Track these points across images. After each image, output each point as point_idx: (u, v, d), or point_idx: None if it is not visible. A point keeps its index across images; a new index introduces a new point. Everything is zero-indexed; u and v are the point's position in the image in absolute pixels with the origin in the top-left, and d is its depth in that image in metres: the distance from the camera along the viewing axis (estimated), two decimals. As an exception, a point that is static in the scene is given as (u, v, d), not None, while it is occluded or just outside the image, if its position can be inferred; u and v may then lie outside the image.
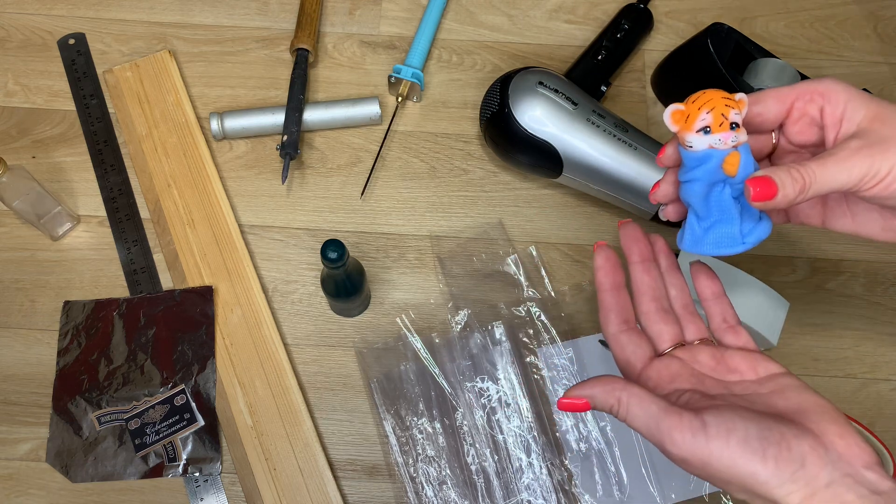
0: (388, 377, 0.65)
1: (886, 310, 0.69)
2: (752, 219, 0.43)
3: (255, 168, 0.73)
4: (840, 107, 0.42)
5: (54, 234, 0.69)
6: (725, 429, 0.37)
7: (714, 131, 0.40)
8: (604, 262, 0.47)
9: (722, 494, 0.63)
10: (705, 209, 0.43)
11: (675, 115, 0.42)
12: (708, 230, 0.43)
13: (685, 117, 0.41)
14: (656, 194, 0.46)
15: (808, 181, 0.39)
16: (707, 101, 0.41)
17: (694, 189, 0.42)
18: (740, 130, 0.41)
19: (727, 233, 0.42)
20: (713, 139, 0.41)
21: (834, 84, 0.42)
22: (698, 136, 0.41)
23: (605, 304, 0.46)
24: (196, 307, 0.67)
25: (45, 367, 0.66)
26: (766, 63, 0.70)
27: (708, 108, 0.41)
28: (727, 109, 0.40)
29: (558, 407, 0.43)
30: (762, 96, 0.44)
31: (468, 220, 0.72)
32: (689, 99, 0.42)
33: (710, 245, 0.43)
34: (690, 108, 0.41)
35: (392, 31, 0.79)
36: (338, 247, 0.55)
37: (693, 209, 0.43)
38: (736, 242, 0.42)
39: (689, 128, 0.41)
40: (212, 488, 0.63)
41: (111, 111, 0.75)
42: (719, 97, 0.41)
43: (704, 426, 0.38)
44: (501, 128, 0.67)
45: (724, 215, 0.42)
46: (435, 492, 0.62)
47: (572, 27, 0.80)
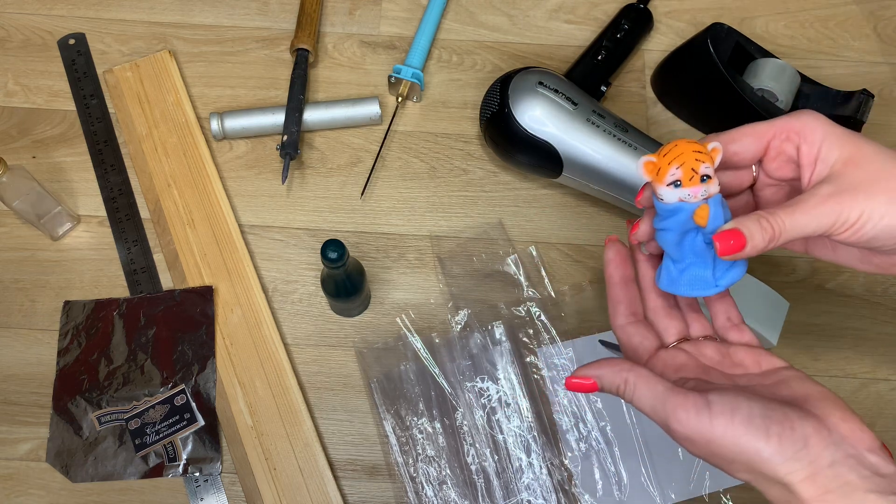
0: (388, 377, 0.65)
1: (886, 310, 0.69)
2: (726, 262, 0.43)
3: (255, 168, 0.73)
4: (815, 146, 0.42)
5: (54, 234, 0.69)
6: (730, 407, 0.38)
7: (684, 185, 0.41)
8: (614, 255, 0.47)
9: (721, 494, 0.63)
10: (679, 254, 0.43)
11: (648, 167, 0.43)
12: (683, 272, 0.44)
13: (657, 170, 0.42)
14: (637, 234, 0.47)
15: (777, 231, 0.40)
16: (678, 156, 0.41)
17: (667, 237, 0.43)
18: (711, 182, 0.41)
19: (701, 276, 0.43)
20: (683, 193, 0.41)
21: (810, 120, 0.42)
22: (669, 189, 0.42)
23: (614, 296, 0.47)
24: (196, 307, 0.67)
25: (45, 367, 0.66)
26: (766, 63, 0.70)
27: (678, 162, 0.41)
28: (697, 164, 0.41)
29: (566, 386, 0.44)
30: (739, 135, 0.44)
31: (468, 220, 0.72)
32: (660, 151, 0.42)
33: (684, 287, 0.44)
34: (661, 161, 0.42)
35: (392, 31, 0.79)
36: (338, 247, 0.55)
37: (668, 253, 0.44)
38: (709, 286, 0.43)
39: (661, 181, 0.42)
40: (212, 488, 0.63)
41: (111, 111, 0.75)
42: (690, 150, 0.41)
43: (709, 404, 0.38)
44: (501, 128, 0.67)
45: (698, 259, 0.43)
46: (435, 492, 0.62)
47: (572, 27, 0.80)
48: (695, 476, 0.63)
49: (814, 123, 0.42)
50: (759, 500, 0.65)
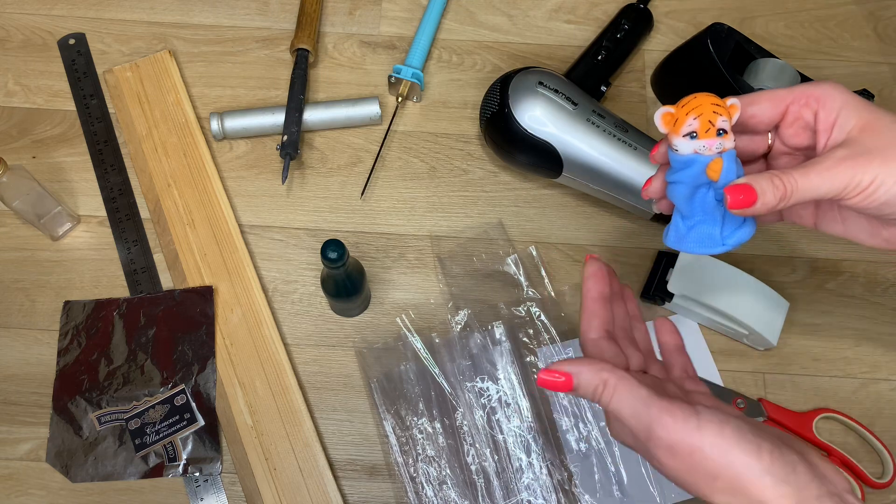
0: (388, 377, 0.65)
1: (886, 310, 0.69)
2: (735, 221, 0.44)
3: (255, 168, 0.73)
4: (833, 113, 0.42)
5: (54, 234, 0.69)
6: (719, 419, 0.37)
7: (700, 137, 0.41)
8: (595, 271, 0.47)
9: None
10: (689, 209, 0.43)
11: (665, 118, 0.42)
12: (691, 229, 0.44)
13: (674, 120, 0.42)
14: (648, 190, 0.47)
15: (789, 189, 0.40)
16: (696, 107, 0.41)
17: (679, 190, 0.43)
18: (727, 137, 0.41)
19: (708, 233, 0.43)
20: (698, 145, 0.41)
21: (831, 89, 0.42)
22: (684, 140, 0.42)
23: (588, 309, 0.46)
24: (196, 307, 0.67)
25: (45, 367, 0.66)
26: (766, 63, 0.70)
27: (696, 113, 0.41)
28: (714, 116, 0.41)
29: (538, 382, 0.42)
30: (757, 98, 0.44)
31: (468, 220, 0.72)
32: (680, 102, 0.42)
33: (691, 243, 0.44)
34: (679, 112, 0.42)
35: (392, 31, 0.79)
36: (338, 247, 0.55)
37: (678, 208, 0.44)
38: (716, 243, 0.43)
39: (677, 132, 0.42)
40: (212, 488, 0.63)
41: (111, 111, 0.75)
42: (708, 102, 0.41)
43: (697, 413, 0.37)
44: (501, 128, 0.67)
45: (707, 216, 0.43)
46: (435, 492, 0.62)
47: (572, 27, 0.80)
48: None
49: (833, 91, 0.42)
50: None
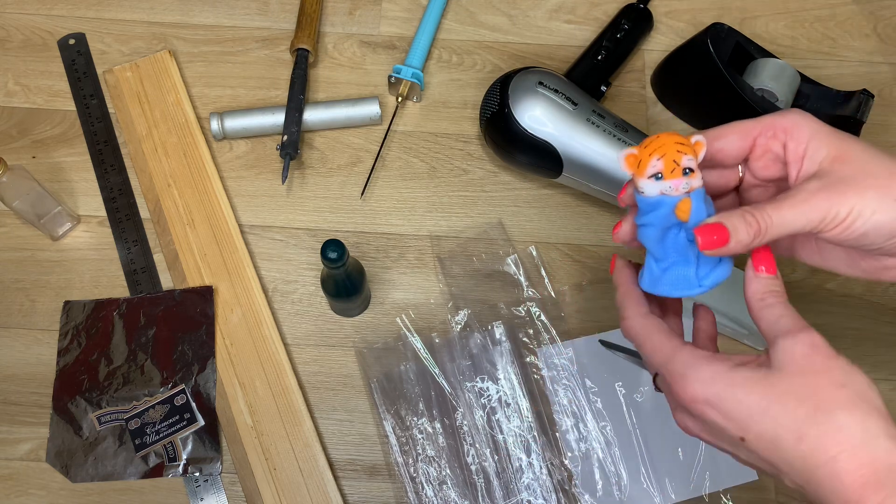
0: (388, 377, 0.65)
1: (886, 310, 0.69)
2: (711, 260, 0.42)
3: (255, 168, 0.73)
4: (802, 144, 0.41)
5: (54, 234, 0.69)
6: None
7: (665, 178, 0.40)
8: (623, 266, 0.47)
9: (721, 494, 0.63)
10: (662, 252, 0.42)
11: (629, 160, 0.41)
12: (665, 271, 0.42)
13: (637, 162, 0.41)
14: (618, 234, 0.46)
15: (763, 226, 0.39)
16: (658, 147, 0.40)
17: (649, 233, 0.42)
18: (694, 175, 0.40)
19: (683, 275, 0.42)
20: (664, 185, 0.40)
21: (798, 118, 0.41)
22: (650, 182, 0.41)
23: (633, 294, 0.45)
24: (196, 307, 0.67)
25: (45, 367, 0.66)
26: (766, 63, 0.70)
27: (659, 153, 0.40)
28: (679, 155, 0.40)
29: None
30: (724, 131, 0.43)
31: (468, 220, 0.72)
32: (643, 143, 0.41)
33: (666, 286, 0.42)
34: (643, 153, 0.41)
35: (392, 31, 0.79)
36: (338, 247, 0.55)
37: (650, 251, 0.43)
38: (692, 285, 0.42)
39: (641, 173, 0.41)
40: (212, 488, 0.63)
41: (111, 111, 0.75)
42: (672, 142, 0.40)
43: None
44: (501, 128, 0.67)
45: (681, 257, 0.42)
46: (435, 492, 0.62)
47: (572, 27, 0.80)
48: (695, 476, 0.63)
49: (801, 121, 0.41)
50: (759, 500, 0.65)
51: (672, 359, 0.41)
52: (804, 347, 0.37)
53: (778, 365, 0.38)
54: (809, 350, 0.37)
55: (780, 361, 0.38)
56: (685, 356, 0.40)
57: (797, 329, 0.38)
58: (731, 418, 0.38)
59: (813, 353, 0.37)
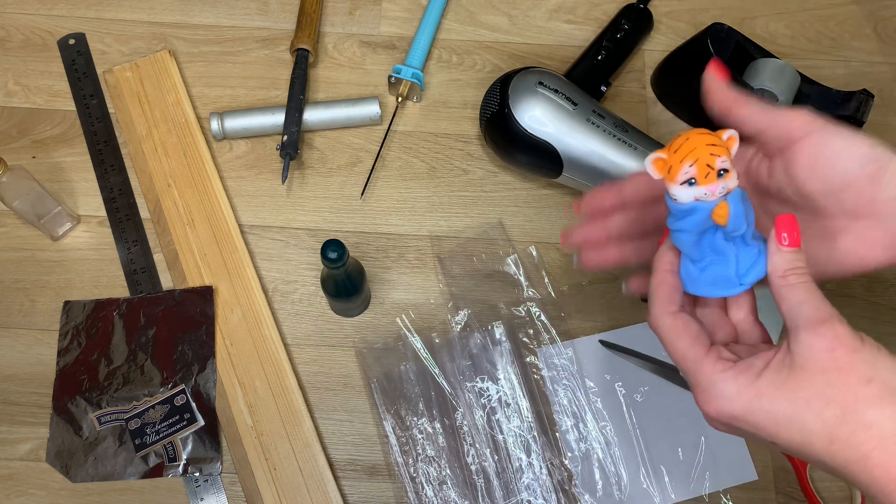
0: (388, 377, 0.65)
1: (886, 310, 0.69)
2: (750, 257, 0.40)
3: (255, 168, 0.73)
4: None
5: (54, 234, 0.69)
6: None
7: (700, 183, 0.37)
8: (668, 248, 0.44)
9: (721, 494, 0.63)
10: (698, 253, 0.40)
11: (658, 164, 0.38)
12: (703, 271, 0.40)
13: (668, 167, 0.38)
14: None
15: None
16: (690, 152, 0.37)
17: (684, 238, 0.40)
18: (729, 176, 0.37)
19: (722, 274, 0.40)
20: (699, 192, 0.37)
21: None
22: (683, 188, 0.38)
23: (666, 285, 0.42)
24: (196, 307, 0.67)
25: (45, 367, 0.66)
26: (766, 63, 0.70)
27: (691, 159, 0.37)
28: (712, 158, 0.37)
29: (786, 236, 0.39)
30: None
31: (468, 220, 0.72)
32: (670, 146, 0.38)
33: (706, 287, 0.41)
34: (673, 158, 0.38)
35: (392, 31, 0.79)
36: (338, 247, 0.55)
37: (686, 254, 0.41)
38: (732, 284, 0.40)
39: (673, 180, 0.38)
40: (212, 488, 0.63)
41: (111, 111, 0.75)
42: (703, 144, 0.37)
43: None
44: (501, 128, 0.67)
45: (719, 257, 0.40)
46: (435, 492, 0.62)
47: (572, 27, 0.80)
48: (695, 476, 0.63)
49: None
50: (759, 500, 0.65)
51: (696, 372, 0.40)
52: (826, 342, 0.36)
53: (801, 362, 0.37)
54: (832, 344, 0.36)
55: (802, 357, 0.37)
56: (708, 370, 0.39)
57: (819, 320, 0.37)
58: (759, 428, 0.38)
59: (836, 347, 0.36)
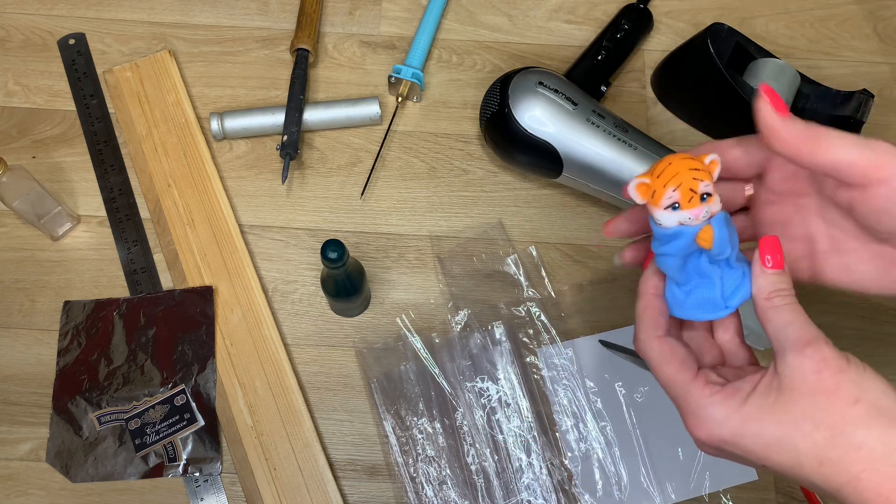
0: (388, 377, 0.65)
1: (886, 310, 0.69)
2: (734, 279, 0.40)
3: (255, 168, 0.73)
4: None
5: (54, 234, 0.69)
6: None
7: (683, 207, 0.37)
8: (653, 272, 0.44)
9: (721, 494, 0.63)
10: (683, 277, 0.40)
11: (641, 189, 0.39)
12: (689, 294, 0.41)
13: (651, 192, 0.38)
14: (609, 229, 0.45)
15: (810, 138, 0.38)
16: (673, 176, 0.37)
17: (668, 262, 0.40)
18: (712, 200, 0.38)
19: (708, 297, 0.40)
20: (683, 216, 0.38)
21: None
22: (667, 213, 0.38)
23: (653, 309, 0.43)
24: (196, 307, 0.67)
25: (45, 367, 0.66)
26: (766, 63, 0.70)
27: (674, 184, 0.37)
28: (695, 182, 0.37)
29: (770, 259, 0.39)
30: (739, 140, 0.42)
31: (468, 220, 0.72)
32: (653, 171, 0.39)
33: (692, 310, 0.41)
34: (656, 183, 0.38)
35: (392, 31, 0.79)
36: (338, 247, 0.55)
37: (670, 277, 0.41)
38: (718, 307, 0.40)
39: (657, 204, 0.38)
40: (212, 488, 0.63)
41: (111, 111, 0.75)
42: (686, 169, 0.38)
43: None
44: (501, 128, 0.67)
45: (704, 280, 0.40)
46: (435, 492, 0.62)
47: (572, 27, 0.80)
48: (695, 476, 0.63)
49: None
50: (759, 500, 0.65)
51: (685, 396, 0.40)
52: (813, 363, 0.37)
53: (788, 384, 0.37)
54: (819, 366, 0.37)
55: (789, 379, 0.37)
56: (696, 394, 0.39)
57: (805, 342, 0.37)
58: (749, 452, 0.38)
59: (823, 368, 0.37)
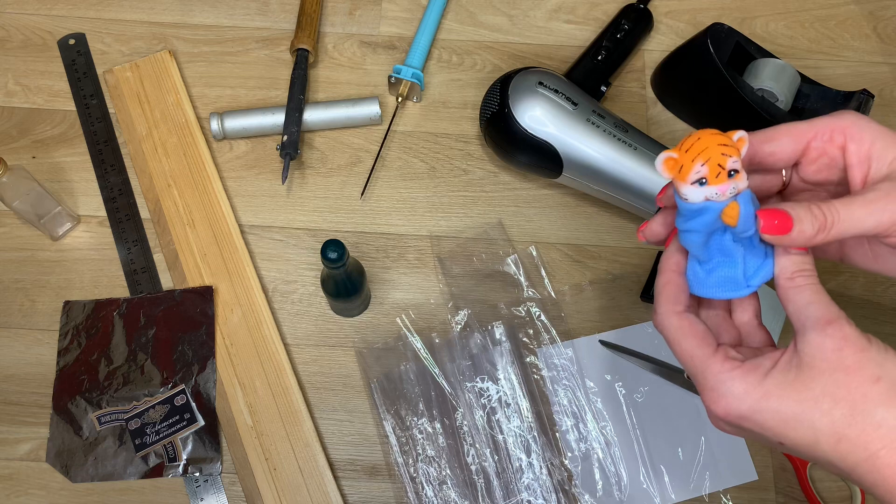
0: (388, 377, 0.65)
1: (886, 310, 0.69)
2: (756, 259, 0.40)
3: (255, 168, 0.73)
4: (866, 145, 0.39)
5: (54, 234, 0.69)
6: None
7: (710, 183, 0.38)
8: (676, 250, 0.43)
9: (721, 494, 0.63)
10: (706, 254, 0.41)
11: (668, 164, 0.39)
12: (710, 273, 0.41)
13: (679, 167, 0.38)
14: (645, 232, 0.44)
15: (829, 221, 0.37)
16: (701, 151, 0.38)
17: (692, 238, 0.40)
18: (739, 177, 0.38)
19: (730, 276, 0.40)
20: (710, 192, 0.38)
21: (856, 119, 0.40)
22: (693, 188, 0.38)
23: (673, 285, 0.42)
24: (196, 307, 0.67)
25: (45, 367, 0.66)
26: (766, 63, 0.70)
27: (702, 158, 0.37)
28: (724, 158, 0.37)
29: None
30: (775, 134, 0.41)
31: (468, 220, 0.72)
32: (682, 145, 0.39)
33: (713, 288, 0.41)
34: (684, 157, 0.38)
35: (392, 31, 0.79)
36: (338, 247, 0.55)
37: (693, 254, 0.41)
38: (740, 286, 0.40)
39: (684, 179, 0.38)
40: (212, 488, 0.63)
41: (111, 111, 0.75)
42: (715, 143, 0.38)
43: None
44: (501, 128, 0.67)
45: (727, 259, 0.40)
46: (435, 492, 0.62)
47: (572, 27, 0.80)
48: (695, 476, 0.63)
49: (861, 122, 0.40)
50: (759, 500, 0.65)
51: (703, 371, 0.39)
52: (834, 342, 0.36)
53: (808, 361, 0.37)
54: (840, 344, 0.36)
55: (810, 357, 0.37)
56: (716, 369, 0.39)
57: (826, 320, 0.37)
58: (766, 428, 0.38)
59: (844, 346, 0.36)
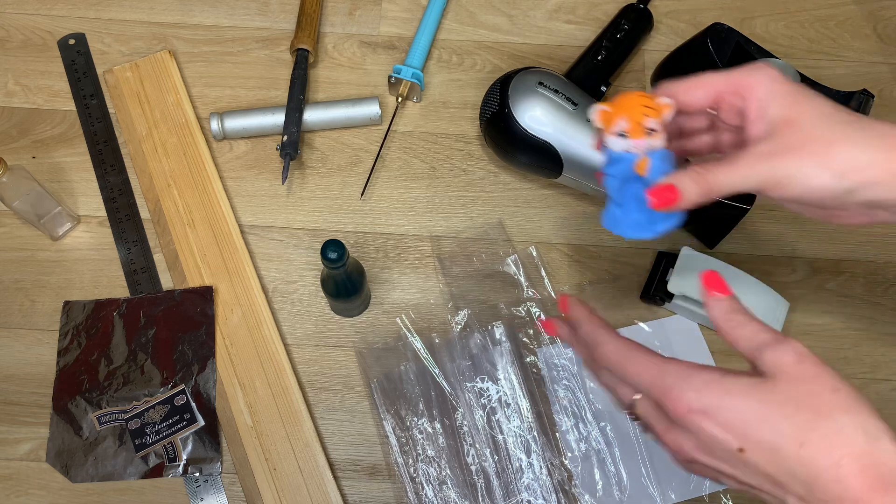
0: (388, 377, 0.65)
1: (886, 310, 0.69)
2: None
3: (255, 168, 0.73)
4: (760, 103, 0.43)
5: (54, 234, 0.69)
6: None
7: (630, 136, 0.44)
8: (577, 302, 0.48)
9: (721, 494, 0.63)
10: (621, 198, 0.46)
11: (601, 115, 0.45)
12: (625, 215, 0.46)
13: (608, 119, 0.45)
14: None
15: (711, 185, 0.42)
16: (627, 108, 0.44)
17: (611, 182, 0.46)
18: (656, 135, 0.44)
19: (639, 220, 0.46)
20: (628, 144, 0.45)
21: (761, 77, 0.44)
22: (615, 138, 0.45)
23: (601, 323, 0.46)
24: (196, 307, 0.67)
25: (45, 367, 0.66)
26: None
27: (625, 115, 0.44)
28: (643, 117, 0.44)
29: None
30: (692, 86, 0.45)
31: (468, 220, 0.72)
32: (615, 99, 0.45)
33: (625, 228, 0.46)
34: (613, 111, 0.45)
35: (392, 32, 0.79)
36: (338, 247, 0.55)
37: (612, 197, 0.47)
38: (647, 230, 0.46)
39: (608, 130, 0.45)
40: (212, 488, 0.63)
41: (111, 111, 0.75)
42: (639, 104, 0.44)
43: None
44: (501, 128, 0.67)
45: (639, 205, 0.45)
46: (435, 492, 0.62)
47: (572, 27, 0.80)
48: (695, 476, 0.63)
49: (764, 80, 0.44)
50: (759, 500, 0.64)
51: (661, 374, 0.40)
52: (793, 356, 0.38)
53: (771, 372, 0.38)
54: (800, 357, 0.38)
55: (771, 370, 0.38)
56: (674, 368, 0.40)
57: (778, 340, 0.39)
58: (728, 427, 0.37)
59: (803, 360, 0.38)
